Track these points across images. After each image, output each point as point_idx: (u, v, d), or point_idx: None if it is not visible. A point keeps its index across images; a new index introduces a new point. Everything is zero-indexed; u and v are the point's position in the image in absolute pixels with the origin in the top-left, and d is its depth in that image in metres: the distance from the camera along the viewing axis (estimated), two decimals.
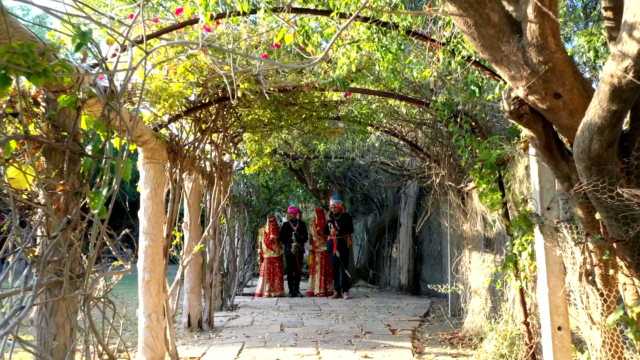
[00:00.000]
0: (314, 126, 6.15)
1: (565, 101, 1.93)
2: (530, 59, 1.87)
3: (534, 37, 1.82)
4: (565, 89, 1.90)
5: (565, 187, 2.17)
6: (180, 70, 4.06)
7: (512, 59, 1.91)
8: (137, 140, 4.35)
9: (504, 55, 1.92)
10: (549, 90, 1.91)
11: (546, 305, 2.92)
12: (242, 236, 10.78)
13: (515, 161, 3.78)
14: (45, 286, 2.65)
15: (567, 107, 1.94)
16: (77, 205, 2.80)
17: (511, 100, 2.07)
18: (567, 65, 1.88)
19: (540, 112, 2.05)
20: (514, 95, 2.08)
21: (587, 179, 1.87)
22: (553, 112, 1.98)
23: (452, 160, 6.30)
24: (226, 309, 8.27)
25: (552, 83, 1.89)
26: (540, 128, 2.11)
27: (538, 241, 3.03)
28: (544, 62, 1.85)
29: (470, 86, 3.39)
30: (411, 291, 10.81)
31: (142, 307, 4.48)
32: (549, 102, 1.94)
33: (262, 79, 4.32)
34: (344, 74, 3.61)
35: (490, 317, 4.94)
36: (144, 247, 4.51)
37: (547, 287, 2.91)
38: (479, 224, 5.89)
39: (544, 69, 1.85)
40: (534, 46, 1.84)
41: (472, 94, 3.39)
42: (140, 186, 4.66)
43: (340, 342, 5.66)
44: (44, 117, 2.80)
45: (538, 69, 1.87)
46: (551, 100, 1.93)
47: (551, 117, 2.04)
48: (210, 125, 5.33)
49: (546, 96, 1.93)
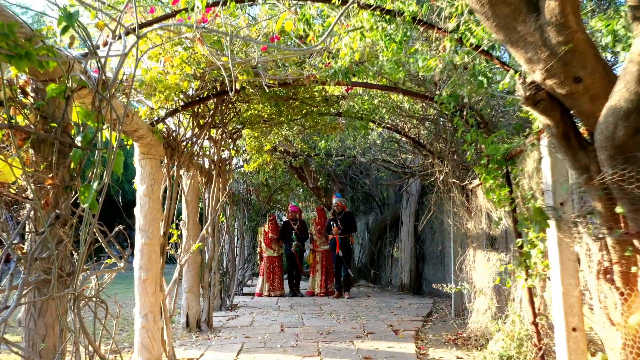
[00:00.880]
0: (314, 122, 6.01)
1: (586, 85, 1.80)
2: (549, 39, 1.74)
3: (553, 16, 1.69)
4: (587, 72, 1.77)
5: (584, 179, 2.04)
6: (176, 62, 3.93)
7: (529, 39, 1.78)
8: (133, 135, 4.23)
9: (520, 36, 1.79)
10: (569, 73, 1.78)
11: (560, 305, 2.78)
12: (242, 235, 10.64)
13: (525, 155, 3.64)
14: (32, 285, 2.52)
15: (588, 91, 1.81)
16: (67, 200, 2.67)
17: (527, 86, 1.94)
18: (589, 46, 1.75)
19: (558, 97, 1.91)
20: (530, 80, 1.95)
21: (611, 168, 1.74)
22: (572, 98, 1.85)
23: (455, 157, 6.17)
24: (225, 308, 8.14)
25: (572, 66, 1.76)
26: (558, 115, 1.97)
27: (551, 238, 2.90)
28: (563, 43, 1.72)
29: (477, 77, 3.26)
30: (413, 291, 10.67)
31: (139, 307, 4.35)
32: (569, 87, 1.81)
33: (261, 71, 4.19)
34: (346, 65, 3.48)
35: (497, 318, 4.80)
36: (140, 245, 4.38)
37: (561, 286, 2.77)
38: (484, 222, 5.75)
39: (564, 50, 1.72)
40: (552, 25, 1.71)
41: (479, 84, 3.26)
42: (136, 183, 4.53)
43: (342, 343, 5.52)
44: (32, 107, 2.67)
45: (557, 51, 1.74)
46: (571, 84, 1.80)
47: (570, 103, 1.90)
48: (208, 120, 5.19)
49: (565, 80, 1.80)
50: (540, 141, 3.00)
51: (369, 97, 5.65)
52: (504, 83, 2.90)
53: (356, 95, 5.76)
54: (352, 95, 5.60)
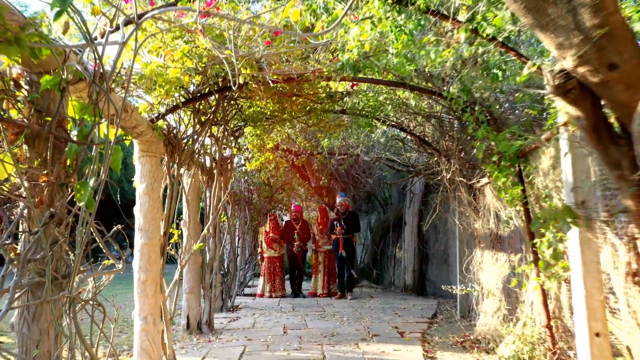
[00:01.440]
0: (318, 119, 5.86)
1: (622, 73, 1.66)
2: (582, 22, 1.60)
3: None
4: (623, 58, 1.63)
5: (615, 176, 1.90)
6: (177, 56, 3.79)
7: (561, 23, 1.64)
8: (133, 132, 4.09)
9: (551, 19, 1.65)
10: (603, 59, 1.64)
11: (582, 309, 2.65)
12: (243, 235, 10.50)
13: (539, 152, 3.51)
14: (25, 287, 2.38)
15: (624, 79, 1.67)
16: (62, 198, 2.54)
17: (556, 74, 1.80)
18: (626, 30, 1.62)
19: (590, 86, 1.78)
20: (558, 67, 1.81)
21: None
22: (606, 87, 1.71)
23: (463, 155, 6.03)
24: (226, 310, 8.00)
25: (607, 51, 1.62)
26: (589, 106, 1.84)
27: (572, 238, 2.76)
28: (598, 26, 1.58)
29: (492, 70, 3.12)
30: (417, 291, 10.53)
31: (138, 309, 4.21)
32: (603, 74, 1.67)
33: (265, 66, 4.05)
34: (354, 58, 3.34)
35: (509, 320, 4.66)
36: (140, 246, 4.24)
37: (584, 289, 2.64)
38: (492, 222, 5.60)
39: (599, 34, 1.58)
40: (587, 7, 1.57)
41: (494, 77, 3.12)
42: (136, 181, 4.40)
43: (347, 346, 5.38)
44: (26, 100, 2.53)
45: (591, 35, 1.60)
46: (605, 71, 1.66)
47: (603, 93, 1.77)
48: (210, 117, 5.05)
49: (599, 67, 1.66)
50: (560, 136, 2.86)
51: (375, 94, 5.51)
52: (522, 75, 2.76)
53: (361, 91, 5.62)
54: (357, 91, 5.46)
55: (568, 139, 2.76)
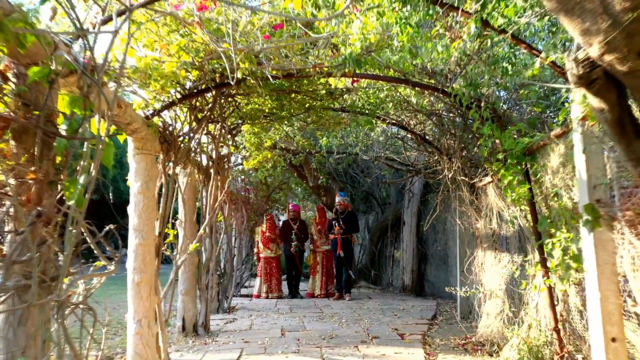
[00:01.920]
0: (318, 116, 5.73)
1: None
2: (612, 5, 1.48)
3: None
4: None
5: (638, 173, 1.79)
6: (173, 49, 3.66)
7: (588, 6, 1.52)
8: (127, 129, 3.96)
9: (577, 2, 1.53)
10: (634, 46, 1.52)
11: (597, 312, 2.53)
12: (240, 235, 10.36)
13: (548, 150, 3.39)
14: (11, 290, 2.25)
15: None
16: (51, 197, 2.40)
17: (581, 62, 1.68)
18: None
19: (617, 76, 1.66)
20: (583, 55, 1.69)
21: None
22: (636, 76, 1.60)
23: (465, 154, 5.91)
24: (223, 311, 7.86)
25: (638, 37, 1.51)
26: (614, 98, 1.72)
27: (586, 238, 2.64)
28: (629, 10, 1.46)
29: (501, 63, 3.00)
30: (415, 292, 10.41)
31: (132, 311, 4.08)
32: (632, 63, 1.55)
33: (264, 60, 3.92)
34: (357, 52, 3.21)
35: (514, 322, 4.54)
36: (134, 246, 4.10)
37: (598, 291, 2.52)
38: (495, 221, 5.49)
39: (629, 19, 1.47)
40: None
41: (504, 71, 3.00)
42: (130, 179, 4.26)
43: (346, 349, 5.26)
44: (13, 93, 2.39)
45: (621, 19, 1.49)
46: (635, 59, 1.54)
47: (632, 83, 1.65)
48: (206, 114, 4.92)
49: (629, 55, 1.54)
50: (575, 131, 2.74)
51: (375, 90, 5.39)
52: (534, 68, 2.65)
53: (361, 88, 5.49)
54: (357, 88, 5.33)
55: (583, 134, 2.64)
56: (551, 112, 5.50)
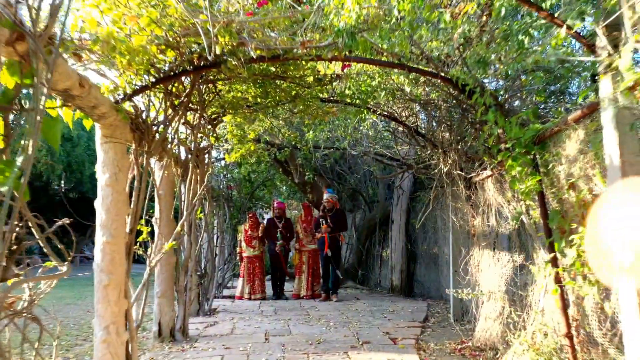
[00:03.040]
0: (305, 105, 5.34)
1: None
2: None
3: None
4: None
5: None
6: (144, 23, 3.24)
7: None
8: (93, 113, 3.51)
9: None
10: None
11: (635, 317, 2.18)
12: (222, 234, 9.91)
13: (562, 136, 3.05)
14: None
15: None
16: None
17: None
18: None
19: None
20: None
21: None
22: None
23: (461, 146, 5.57)
24: (203, 314, 7.42)
25: None
26: None
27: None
28: None
29: (516, 36, 2.66)
30: (404, 293, 10.07)
31: (99, 317, 3.64)
32: None
33: (247, 38, 3.52)
34: (351, 23, 2.83)
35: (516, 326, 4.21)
36: (101, 244, 3.66)
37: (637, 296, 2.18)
38: (493, 219, 5.16)
39: None
40: None
41: (519, 44, 2.65)
42: (97, 170, 3.82)
43: (335, 355, 4.88)
44: None
45: None
46: None
47: None
48: (184, 100, 4.50)
49: None
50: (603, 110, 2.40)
51: (368, 77, 5.01)
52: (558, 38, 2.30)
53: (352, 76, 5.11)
54: (347, 74, 4.95)
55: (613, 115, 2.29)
56: (552, 102, 5.19)
